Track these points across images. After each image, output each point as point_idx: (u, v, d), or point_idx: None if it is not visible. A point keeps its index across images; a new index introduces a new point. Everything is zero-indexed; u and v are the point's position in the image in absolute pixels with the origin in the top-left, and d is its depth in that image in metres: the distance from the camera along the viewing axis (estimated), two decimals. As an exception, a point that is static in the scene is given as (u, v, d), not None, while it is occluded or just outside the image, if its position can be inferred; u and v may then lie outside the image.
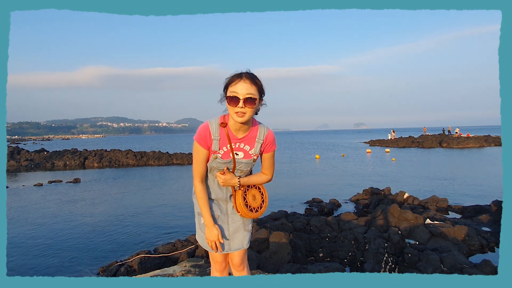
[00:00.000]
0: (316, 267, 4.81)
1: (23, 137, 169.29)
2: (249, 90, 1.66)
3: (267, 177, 2.02)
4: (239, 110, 1.66)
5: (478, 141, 34.06)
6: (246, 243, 2.02)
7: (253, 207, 1.97)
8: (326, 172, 18.28)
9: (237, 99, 1.66)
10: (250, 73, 1.72)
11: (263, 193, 2.05)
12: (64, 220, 9.03)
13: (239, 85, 1.66)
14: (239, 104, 1.66)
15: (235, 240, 1.99)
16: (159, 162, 25.44)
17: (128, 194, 13.08)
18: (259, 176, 2.01)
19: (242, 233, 2.00)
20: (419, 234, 6.34)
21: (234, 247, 1.99)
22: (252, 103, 1.67)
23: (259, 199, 2.01)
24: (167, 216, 9.38)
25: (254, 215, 1.97)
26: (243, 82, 1.66)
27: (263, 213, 2.06)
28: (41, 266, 6.01)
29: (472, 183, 13.56)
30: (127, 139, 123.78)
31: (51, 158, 26.48)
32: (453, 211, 9.15)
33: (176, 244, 6.51)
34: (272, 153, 1.96)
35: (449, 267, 4.82)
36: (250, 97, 1.66)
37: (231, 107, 1.69)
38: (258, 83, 1.71)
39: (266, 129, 1.89)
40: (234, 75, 1.71)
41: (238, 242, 1.99)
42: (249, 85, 1.66)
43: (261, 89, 1.72)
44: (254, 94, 1.67)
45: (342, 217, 7.62)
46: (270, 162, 1.98)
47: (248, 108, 1.67)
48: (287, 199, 11.24)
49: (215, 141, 1.81)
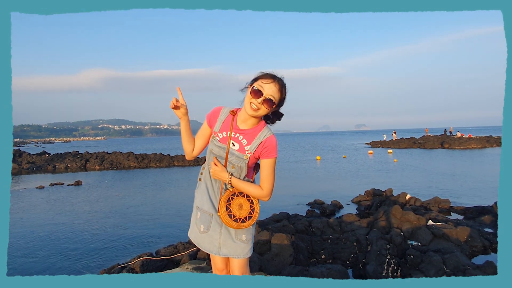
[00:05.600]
0: (318, 269, 4.79)
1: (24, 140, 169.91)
2: (274, 93, 1.76)
3: (261, 192, 1.84)
4: (257, 104, 1.76)
5: (479, 142, 33.97)
6: (238, 253, 1.92)
7: (238, 217, 1.85)
8: (328, 174, 18.26)
9: (260, 94, 1.75)
10: (283, 81, 1.82)
11: (253, 202, 1.90)
12: (66, 222, 9.04)
13: (269, 85, 1.76)
14: (259, 100, 1.75)
15: (225, 246, 1.93)
16: (160, 164, 25.46)
17: (129, 196, 13.08)
18: (254, 186, 1.87)
19: (232, 242, 1.92)
20: (422, 236, 6.32)
21: (223, 252, 1.93)
22: (270, 105, 1.78)
23: (247, 209, 1.87)
24: (169, 218, 9.38)
25: (239, 225, 1.86)
26: (274, 84, 1.76)
27: (251, 225, 1.92)
28: (42, 267, 6.01)
29: (474, 184, 13.52)
30: (128, 141, 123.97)
31: (52, 161, 26.52)
32: (455, 212, 9.12)
33: (178, 247, 6.50)
34: (270, 160, 1.85)
35: (452, 269, 4.80)
36: (271, 99, 1.76)
37: (250, 98, 1.78)
38: (283, 93, 1.81)
39: (269, 133, 1.89)
40: (269, 74, 1.80)
41: (227, 250, 1.93)
42: (277, 90, 1.77)
43: (282, 99, 1.83)
44: (275, 99, 1.78)
45: (344, 218, 7.60)
46: (267, 172, 1.85)
47: (264, 107, 1.77)
48: (289, 200, 11.22)
49: (219, 121, 1.91)
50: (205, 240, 1.96)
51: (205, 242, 1.96)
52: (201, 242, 1.98)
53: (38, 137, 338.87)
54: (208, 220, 1.95)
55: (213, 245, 1.94)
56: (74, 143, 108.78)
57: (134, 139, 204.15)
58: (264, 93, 1.75)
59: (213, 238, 1.94)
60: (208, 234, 1.95)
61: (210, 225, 1.94)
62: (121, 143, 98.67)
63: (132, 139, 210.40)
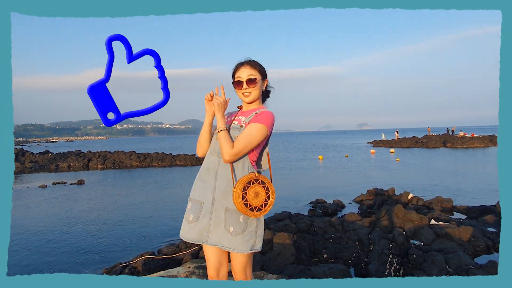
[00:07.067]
0: (320, 268, 4.79)
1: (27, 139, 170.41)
2: (249, 72, 1.93)
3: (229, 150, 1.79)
4: (245, 90, 1.95)
5: (482, 141, 33.82)
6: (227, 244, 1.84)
7: (254, 205, 1.80)
8: (330, 173, 18.25)
9: (241, 82, 1.94)
10: (250, 60, 2.00)
11: (268, 189, 1.87)
12: (68, 221, 9.07)
13: (241, 70, 1.95)
14: (244, 86, 1.94)
15: (215, 234, 1.86)
16: (163, 163, 25.50)
17: (132, 195, 13.12)
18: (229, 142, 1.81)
19: (222, 231, 1.85)
20: (424, 235, 6.30)
21: (212, 240, 1.86)
22: (254, 83, 1.94)
23: (263, 196, 1.84)
24: (171, 217, 9.39)
25: (254, 214, 1.81)
26: (244, 67, 1.95)
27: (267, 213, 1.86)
28: (44, 266, 6.03)
29: (477, 183, 13.47)
30: (130, 141, 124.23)
31: (55, 160, 26.61)
32: (458, 211, 9.09)
33: (180, 246, 6.52)
34: (255, 124, 1.85)
35: (455, 268, 4.79)
36: (250, 78, 1.93)
37: (238, 90, 1.97)
38: (257, 66, 1.97)
39: (266, 109, 2.01)
40: (237, 64, 2.00)
41: (217, 238, 1.85)
42: (249, 69, 1.94)
43: (261, 71, 1.98)
44: (254, 75, 1.94)
45: (346, 218, 7.59)
46: (245, 132, 1.84)
47: (251, 88, 1.94)
48: (291, 200, 11.22)
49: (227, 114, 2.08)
50: (193, 230, 1.90)
51: (193, 233, 1.90)
52: (190, 233, 1.91)
53: (41, 136, 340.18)
54: (198, 208, 1.92)
55: (201, 234, 1.88)
56: (77, 142, 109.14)
57: (136, 139, 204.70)
58: (243, 79, 1.93)
59: (202, 226, 1.88)
60: (196, 224, 1.89)
61: (200, 214, 1.90)
62: (123, 142, 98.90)
63: (134, 139, 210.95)
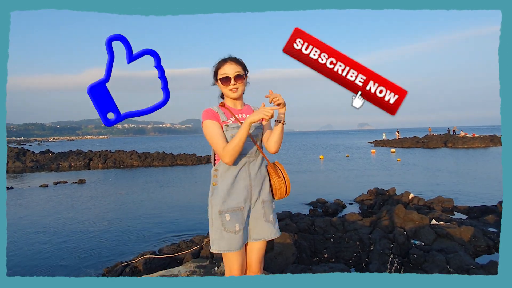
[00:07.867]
0: (321, 268, 4.79)
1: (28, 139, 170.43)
2: (236, 69, 1.95)
3: None
4: (233, 86, 1.96)
5: (483, 141, 33.76)
6: (269, 234, 1.99)
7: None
8: (331, 173, 18.24)
9: (229, 78, 1.95)
10: (233, 56, 2.01)
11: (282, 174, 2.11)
12: (69, 221, 9.08)
13: (227, 66, 1.95)
14: (232, 81, 1.95)
15: (254, 231, 1.97)
16: (163, 163, 25.52)
17: (132, 194, 13.13)
18: None
19: (263, 224, 1.97)
20: (425, 235, 6.30)
21: (254, 236, 1.97)
22: (242, 78, 1.97)
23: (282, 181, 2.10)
24: (172, 216, 9.40)
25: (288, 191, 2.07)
26: (230, 64, 1.96)
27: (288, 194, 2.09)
28: (45, 266, 6.04)
29: (478, 183, 13.45)
30: (131, 140, 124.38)
31: (56, 159, 26.64)
32: (459, 211, 9.08)
33: (181, 245, 6.52)
34: None
35: (455, 268, 4.78)
36: (238, 74, 1.95)
37: (225, 87, 1.97)
38: (241, 63, 2.00)
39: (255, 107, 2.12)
40: (220, 61, 1.99)
41: (257, 233, 1.97)
42: (235, 65, 1.96)
43: (244, 67, 2.01)
44: (240, 71, 1.97)
45: (346, 217, 7.59)
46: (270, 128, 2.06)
47: (239, 83, 1.97)
48: (291, 199, 11.20)
49: (221, 114, 2.00)
50: (239, 238, 1.89)
51: (239, 240, 1.89)
52: (236, 243, 1.88)
53: (42, 135, 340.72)
54: (240, 215, 1.91)
55: (245, 237, 1.94)
56: (78, 142, 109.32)
57: (137, 138, 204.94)
58: (230, 75, 1.94)
59: (246, 230, 1.95)
60: (243, 230, 1.92)
61: (244, 219, 1.93)
62: (124, 142, 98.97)
63: (135, 138, 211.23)
